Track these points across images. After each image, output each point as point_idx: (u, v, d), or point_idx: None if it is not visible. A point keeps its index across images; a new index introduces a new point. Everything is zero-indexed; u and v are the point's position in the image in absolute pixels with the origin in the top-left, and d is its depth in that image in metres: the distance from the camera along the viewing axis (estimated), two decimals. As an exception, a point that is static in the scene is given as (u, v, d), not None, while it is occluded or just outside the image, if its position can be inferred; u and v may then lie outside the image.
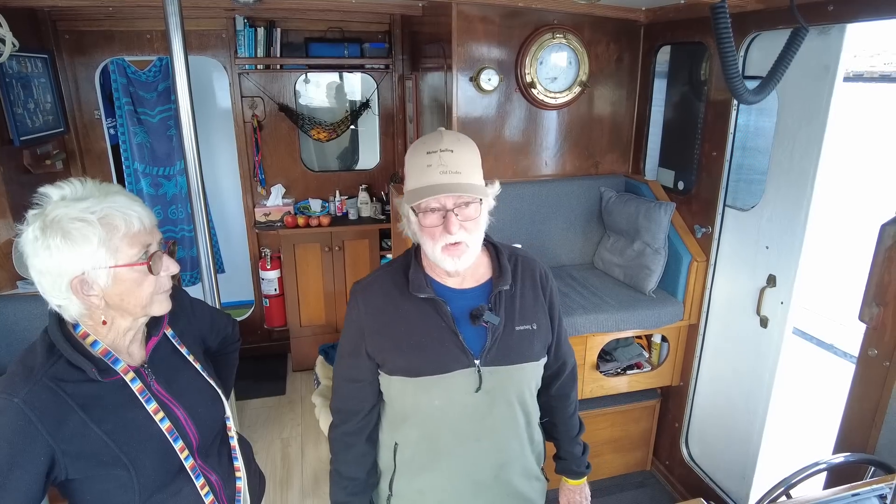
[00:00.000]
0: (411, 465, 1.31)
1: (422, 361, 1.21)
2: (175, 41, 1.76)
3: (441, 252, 1.15)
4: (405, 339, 1.22)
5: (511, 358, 1.24)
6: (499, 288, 1.24)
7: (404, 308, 1.23)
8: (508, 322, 1.24)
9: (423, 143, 1.16)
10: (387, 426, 1.34)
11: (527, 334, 1.26)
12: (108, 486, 1.04)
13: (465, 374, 1.21)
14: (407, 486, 1.33)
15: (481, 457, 1.28)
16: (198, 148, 1.90)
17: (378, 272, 1.32)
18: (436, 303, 1.22)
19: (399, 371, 1.23)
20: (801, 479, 1.32)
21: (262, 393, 3.70)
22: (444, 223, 1.13)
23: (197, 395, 1.19)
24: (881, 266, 1.54)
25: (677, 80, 2.70)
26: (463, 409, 1.23)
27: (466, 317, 1.23)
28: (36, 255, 0.96)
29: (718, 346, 2.52)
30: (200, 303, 1.39)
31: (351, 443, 1.33)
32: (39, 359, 1.00)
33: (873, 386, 1.60)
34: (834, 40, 1.84)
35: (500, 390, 1.24)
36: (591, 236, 2.87)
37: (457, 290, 1.25)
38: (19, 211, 2.70)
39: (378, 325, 1.24)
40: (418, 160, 1.14)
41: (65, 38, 3.23)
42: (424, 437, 1.27)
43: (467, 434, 1.26)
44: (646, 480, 2.90)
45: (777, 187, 2.12)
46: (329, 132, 3.81)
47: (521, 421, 1.31)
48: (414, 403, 1.25)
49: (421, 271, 1.24)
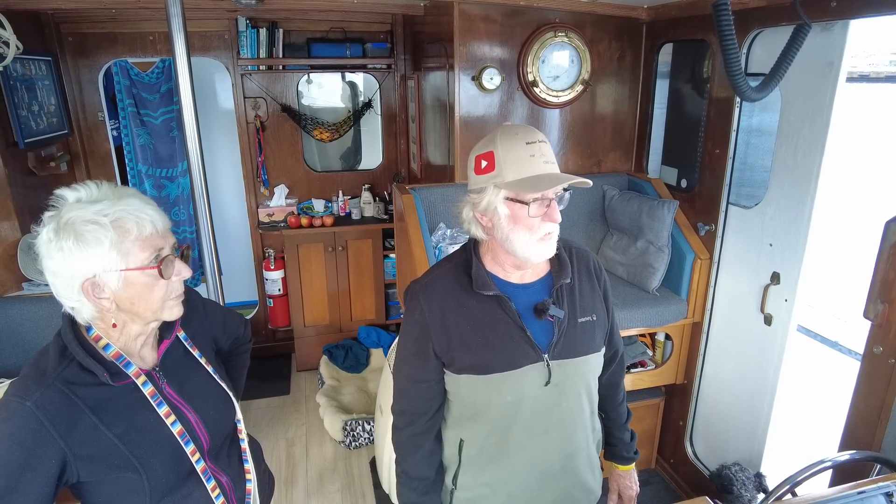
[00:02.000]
0: (478, 459, 1.31)
1: (491, 358, 1.21)
2: (178, 42, 1.76)
3: (536, 242, 1.15)
4: (472, 337, 1.22)
5: (577, 350, 1.26)
6: (560, 281, 1.25)
7: (469, 306, 1.23)
8: (571, 315, 1.26)
9: (515, 134, 1.15)
10: (451, 423, 1.34)
11: (589, 325, 1.28)
12: (120, 488, 1.04)
13: (534, 368, 1.22)
14: (473, 480, 1.33)
15: (549, 448, 1.30)
16: (201, 149, 1.91)
17: (436, 271, 1.31)
18: (501, 299, 1.22)
19: (468, 369, 1.23)
20: (806, 477, 1.32)
21: (266, 393, 3.71)
22: (547, 212, 1.14)
23: (208, 398, 1.19)
24: (886, 263, 1.53)
25: (680, 77, 2.69)
26: (533, 402, 1.24)
27: (531, 312, 1.23)
28: (50, 256, 0.96)
29: (722, 344, 2.51)
30: (213, 304, 1.39)
31: (420, 443, 1.33)
32: (52, 362, 1.01)
33: (879, 383, 1.60)
34: (837, 37, 1.83)
35: (569, 382, 1.26)
36: (594, 234, 2.87)
37: (519, 286, 1.26)
38: (24, 213, 2.71)
39: (444, 325, 1.23)
40: (518, 151, 1.13)
41: (68, 41, 3.25)
42: (494, 432, 1.27)
43: (537, 427, 1.27)
44: (650, 478, 2.90)
45: (780, 184, 2.12)
46: (332, 132, 3.81)
47: (587, 411, 1.33)
48: (485, 400, 1.25)
49: (483, 268, 1.24)
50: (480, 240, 1.26)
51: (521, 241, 1.16)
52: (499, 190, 1.14)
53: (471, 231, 1.24)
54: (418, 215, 2.43)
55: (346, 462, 3.09)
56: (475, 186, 1.19)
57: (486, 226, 1.20)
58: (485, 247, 1.26)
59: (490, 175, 1.15)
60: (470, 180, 1.21)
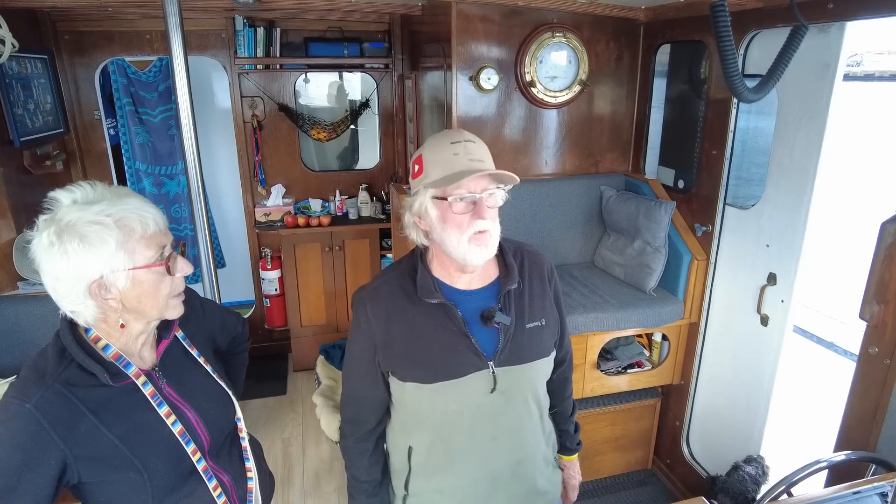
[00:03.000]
0: (427, 466, 1.31)
1: (436, 367, 1.21)
2: (174, 41, 1.76)
3: (468, 243, 1.14)
4: (417, 345, 1.22)
5: (524, 356, 1.25)
6: (507, 287, 1.25)
7: (414, 314, 1.22)
8: (519, 320, 1.25)
9: (442, 137, 1.18)
10: (399, 429, 1.34)
11: (537, 331, 1.27)
12: (121, 488, 1.04)
13: (479, 376, 1.21)
14: (424, 486, 1.33)
15: (498, 455, 1.29)
16: (198, 148, 1.90)
17: (382, 277, 1.30)
18: (446, 307, 1.21)
19: (413, 378, 1.23)
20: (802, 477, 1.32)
21: (263, 393, 3.70)
22: (474, 210, 1.14)
23: (208, 397, 1.19)
24: (882, 264, 1.54)
25: (677, 78, 2.70)
26: (478, 410, 1.24)
27: (477, 318, 1.23)
28: (52, 260, 0.95)
29: (719, 345, 2.52)
30: (211, 303, 1.39)
31: (366, 449, 1.36)
32: (51, 363, 1.00)
33: (874, 384, 1.60)
34: (834, 38, 1.84)
35: (515, 389, 1.25)
36: (591, 235, 2.87)
37: (465, 292, 1.25)
38: (20, 212, 2.70)
39: (388, 334, 1.23)
40: (442, 151, 1.15)
41: (64, 39, 3.23)
42: (440, 440, 1.27)
43: (483, 434, 1.26)
44: (647, 479, 2.90)
45: (777, 185, 2.12)
46: (329, 132, 3.81)
47: (536, 415, 1.32)
48: (429, 409, 1.25)
49: (429, 275, 1.24)
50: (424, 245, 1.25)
51: (452, 241, 1.15)
52: (427, 190, 1.16)
53: (411, 236, 1.25)
54: (416, 215, 2.43)
55: (342, 462, 3.05)
56: (412, 191, 1.21)
57: (424, 230, 1.21)
58: (431, 253, 1.26)
59: (420, 178, 1.18)
60: (410, 186, 1.24)
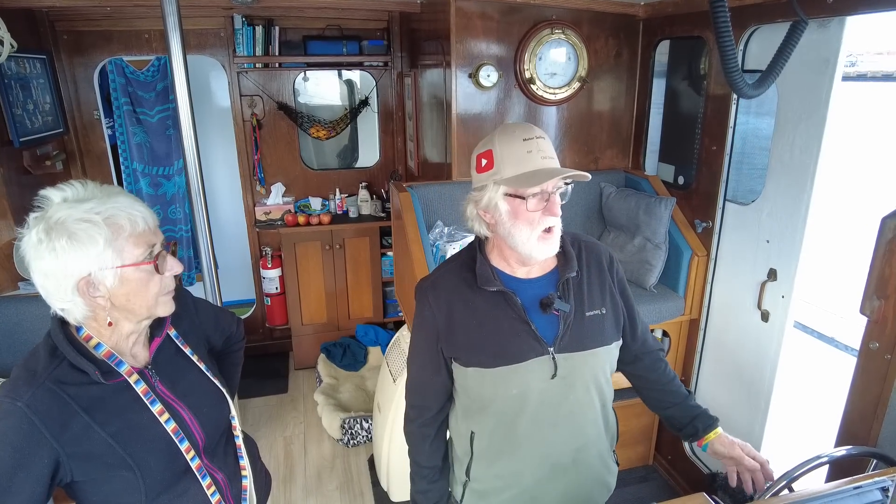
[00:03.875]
0: (489, 451, 1.33)
1: (497, 352, 1.23)
2: (173, 40, 1.76)
3: (537, 240, 1.17)
4: (478, 332, 1.24)
5: (584, 343, 1.26)
6: (566, 275, 1.26)
7: (475, 302, 1.25)
8: (578, 308, 1.27)
9: (512, 132, 1.18)
10: (461, 415, 1.36)
11: (597, 319, 1.28)
12: (115, 487, 1.04)
13: (540, 361, 1.23)
14: (485, 472, 1.35)
15: (559, 441, 1.31)
16: (197, 147, 1.90)
17: (442, 269, 1.34)
18: (506, 294, 1.24)
19: (475, 363, 1.25)
20: (803, 472, 1.32)
21: (264, 391, 3.71)
22: (546, 206, 1.16)
23: (202, 395, 1.19)
24: (882, 259, 1.54)
25: (676, 74, 2.69)
26: (540, 395, 1.26)
27: (536, 306, 1.25)
28: (40, 258, 0.95)
29: (720, 341, 2.52)
30: (204, 302, 1.39)
31: (428, 434, 1.39)
32: (42, 362, 1.00)
33: (875, 379, 1.60)
34: (833, 33, 1.83)
35: (576, 375, 1.27)
36: (591, 232, 2.87)
37: (524, 280, 1.28)
38: (20, 212, 2.70)
39: (450, 321, 1.26)
40: (515, 147, 1.16)
41: (63, 39, 3.23)
42: (502, 425, 1.29)
43: (544, 420, 1.28)
44: (648, 475, 2.91)
45: (777, 181, 2.12)
46: (328, 130, 3.80)
47: (597, 404, 1.33)
48: (492, 393, 1.27)
49: (487, 264, 1.26)
50: (486, 237, 1.28)
51: (522, 237, 1.18)
52: (498, 186, 1.17)
53: (474, 228, 1.27)
54: (416, 213, 2.43)
55: (344, 460, 3.09)
56: (477, 184, 1.23)
57: (489, 222, 1.23)
58: (490, 243, 1.29)
59: (490, 172, 1.18)
60: (473, 179, 1.25)
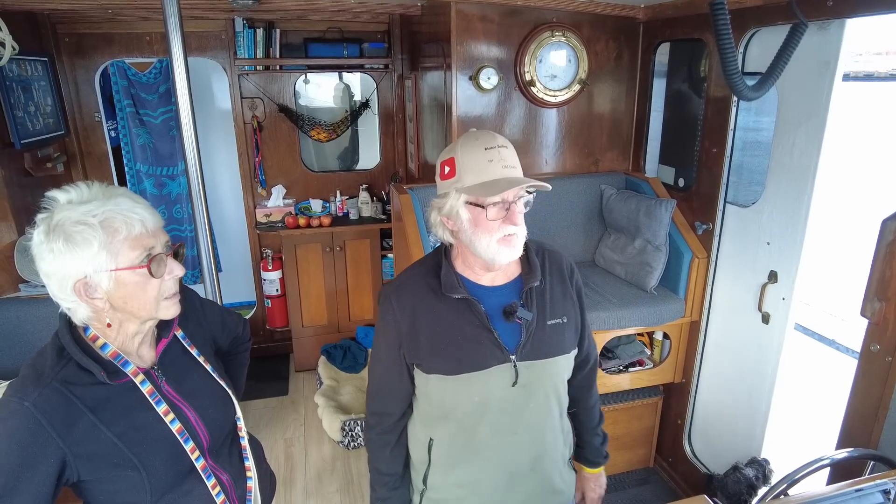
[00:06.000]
0: (447, 459, 1.33)
1: (459, 359, 1.23)
2: (174, 43, 1.76)
3: (497, 244, 1.18)
4: (441, 338, 1.24)
5: (545, 352, 1.27)
6: (529, 284, 1.27)
7: (438, 308, 1.25)
8: (540, 317, 1.27)
9: (474, 140, 1.19)
10: (420, 422, 1.36)
11: (559, 328, 1.29)
12: (120, 486, 1.04)
13: (501, 369, 1.24)
14: (442, 480, 1.35)
15: (518, 449, 1.31)
16: (198, 149, 1.90)
17: (407, 274, 1.33)
18: (469, 302, 1.24)
19: (437, 369, 1.25)
20: (804, 474, 1.32)
21: (264, 393, 3.71)
22: (506, 215, 1.17)
23: (207, 396, 1.20)
24: (882, 261, 1.54)
25: (677, 77, 2.70)
26: (500, 403, 1.26)
27: (500, 314, 1.25)
28: (42, 258, 0.97)
29: (720, 343, 2.51)
30: (211, 303, 1.39)
31: (389, 441, 1.38)
32: (49, 362, 1.01)
33: (876, 381, 1.60)
34: (833, 36, 1.84)
35: (537, 384, 1.28)
36: (591, 234, 2.87)
37: (489, 288, 1.28)
38: (21, 214, 2.71)
39: (414, 327, 1.26)
40: (476, 156, 1.17)
41: (64, 41, 3.24)
42: (462, 432, 1.29)
43: (505, 428, 1.28)
44: (649, 477, 2.90)
45: (778, 183, 2.12)
46: (329, 132, 3.81)
47: (556, 412, 1.34)
48: (453, 400, 1.27)
49: (453, 271, 1.27)
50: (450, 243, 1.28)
51: (482, 244, 1.18)
52: (459, 194, 1.18)
53: (437, 234, 1.27)
54: (416, 215, 2.43)
55: (344, 462, 3.09)
56: (440, 192, 1.24)
57: (452, 229, 1.24)
58: (455, 250, 1.29)
59: (452, 180, 1.20)
60: (437, 185, 1.26)
